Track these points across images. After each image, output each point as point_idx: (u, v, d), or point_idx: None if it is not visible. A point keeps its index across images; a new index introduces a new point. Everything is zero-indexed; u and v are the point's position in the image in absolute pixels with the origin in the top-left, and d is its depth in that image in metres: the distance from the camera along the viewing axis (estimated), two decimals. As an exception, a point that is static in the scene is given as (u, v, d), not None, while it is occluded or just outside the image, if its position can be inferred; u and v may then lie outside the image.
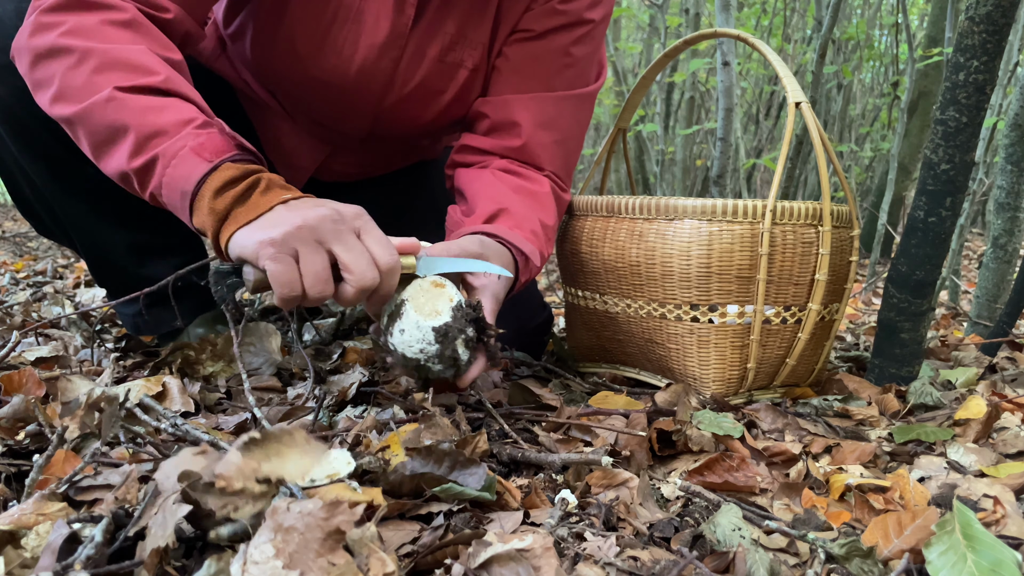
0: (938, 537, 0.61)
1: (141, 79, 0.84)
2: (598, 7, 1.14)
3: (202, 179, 0.81)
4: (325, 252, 0.79)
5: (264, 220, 0.80)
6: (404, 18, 1.06)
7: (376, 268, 0.80)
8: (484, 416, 0.97)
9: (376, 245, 0.81)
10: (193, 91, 0.88)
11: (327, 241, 0.79)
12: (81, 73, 0.84)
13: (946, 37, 2.15)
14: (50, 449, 0.71)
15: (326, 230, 0.79)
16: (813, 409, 1.08)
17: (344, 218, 0.80)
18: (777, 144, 4.45)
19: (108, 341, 1.37)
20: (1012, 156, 1.50)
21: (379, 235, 0.82)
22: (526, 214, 1.06)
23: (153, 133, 0.83)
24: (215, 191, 0.81)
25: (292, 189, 0.84)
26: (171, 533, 0.52)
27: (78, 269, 2.67)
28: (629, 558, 0.63)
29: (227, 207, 0.81)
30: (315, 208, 0.80)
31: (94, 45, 0.85)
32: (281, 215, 0.80)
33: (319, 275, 0.79)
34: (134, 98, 0.83)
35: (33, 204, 1.21)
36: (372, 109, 1.15)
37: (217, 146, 0.83)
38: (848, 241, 1.13)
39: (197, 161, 0.81)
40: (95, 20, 0.86)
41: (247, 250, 0.80)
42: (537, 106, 1.13)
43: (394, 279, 0.83)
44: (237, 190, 0.81)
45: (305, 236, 0.78)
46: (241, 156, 0.84)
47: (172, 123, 0.83)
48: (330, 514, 0.50)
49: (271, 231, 0.78)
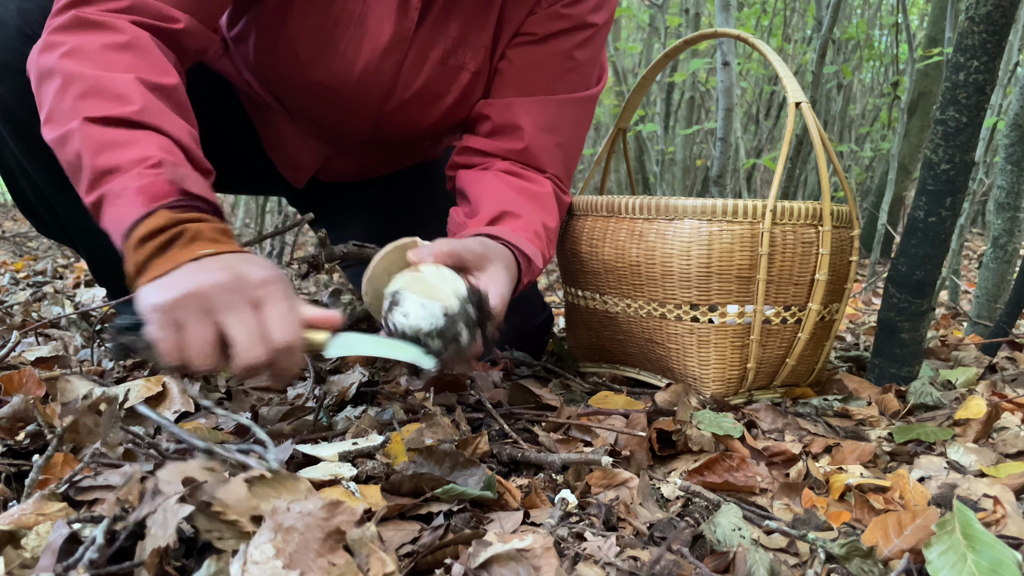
0: (938, 537, 0.61)
1: (115, 109, 0.81)
2: (601, 11, 1.14)
3: (134, 224, 0.77)
4: (212, 324, 0.73)
5: (166, 280, 0.75)
6: (407, 22, 1.06)
7: (263, 346, 0.73)
8: (484, 416, 0.97)
9: (274, 319, 0.74)
10: (173, 121, 0.85)
11: (215, 312, 0.73)
12: (67, 98, 0.83)
13: (946, 37, 2.15)
14: (50, 449, 0.71)
15: (217, 300, 0.73)
16: (813, 409, 1.08)
17: (242, 287, 0.73)
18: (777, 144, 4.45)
19: (108, 341, 1.37)
20: (1012, 156, 1.50)
21: (281, 309, 0.74)
22: (529, 216, 1.06)
23: (107, 170, 0.80)
24: (139, 239, 0.77)
25: (220, 242, 0.79)
26: (172, 533, 0.52)
27: (78, 269, 2.68)
28: (629, 558, 0.63)
29: (145, 258, 0.77)
30: (216, 273, 0.74)
31: (84, 71, 0.83)
32: (181, 277, 0.75)
33: (199, 348, 0.73)
34: (100, 131, 0.81)
35: (34, 203, 1.21)
36: (374, 112, 1.15)
37: (159, 190, 0.78)
38: (848, 241, 1.13)
39: (135, 204, 0.78)
40: (95, 42, 0.85)
41: (142, 310, 0.75)
42: (539, 109, 1.13)
43: (290, 357, 0.75)
44: (159, 240, 0.77)
45: (193, 305, 0.72)
46: (182, 202, 0.79)
47: (127, 161, 0.79)
48: (330, 514, 0.50)
49: (163, 295, 0.73)
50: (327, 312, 0.79)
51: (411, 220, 1.41)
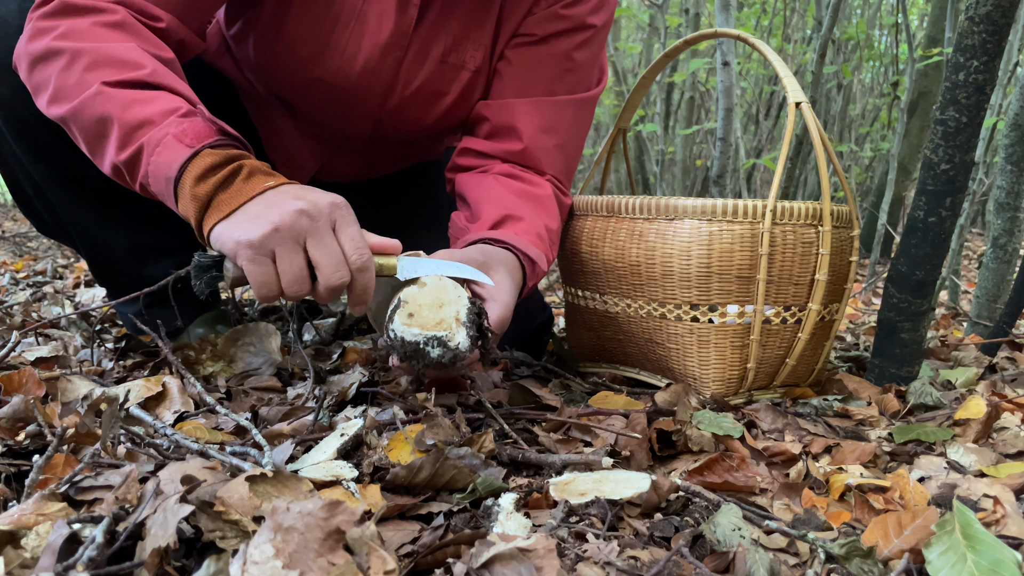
0: (938, 537, 0.61)
1: (128, 73, 0.85)
2: (600, 12, 1.14)
3: (184, 165, 0.81)
4: (302, 251, 0.80)
5: (243, 214, 0.80)
6: (407, 18, 1.06)
7: (347, 266, 0.81)
8: (484, 416, 0.97)
9: (349, 242, 0.81)
10: (181, 83, 0.88)
11: (302, 239, 0.80)
12: (74, 72, 0.86)
13: (946, 37, 2.15)
14: (50, 449, 0.71)
15: (302, 228, 0.79)
16: (813, 409, 1.08)
17: (320, 213, 0.80)
18: (777, 144, 4.45)
19: (108, 341, 1.37)
20: (1012, 156, 1.50)
21: (354, 232, 0.82)
22: (531, 219, 1.06)
23: (138, 124, 0.83)
24: (196, 177, 0.81)
25: (275, 175, 0.84)
26: (172, 533, 0.52)
27: (78, 269, 2.67)
28: (629, 558, 0.63)
29: (208, 193, 0.81)
30: (293, 202, 0.80)
31: (85, 45, 0.86)
32: (260, 210, 0.80)
33: (295, 275, 0.80)
34: (121, 92, 0.84)
35: (34, 203, 1.21)
36: (374, 110, 1.15)
37: (199, 132, 0.83)
38: (848, 241, 1.13)
39: (179, 147, 0.82)
40: (87, 23, 0.88)
41: (226, 248, 0.81)
42: (538, 110, 1.13)
43: (366, 277, 0.82)
44: (218, 176, 0.81)
45: (282, 236, 0.79)
46: (223, 141, 0.84)
47: (157, 113, 0.83)
48: (330, 514, 0.50)
49: (249, 231, 0.79)
50: (390, 240, 0.87)
51: (411, 220, 1.41)
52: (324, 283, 0.81)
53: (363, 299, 0.85)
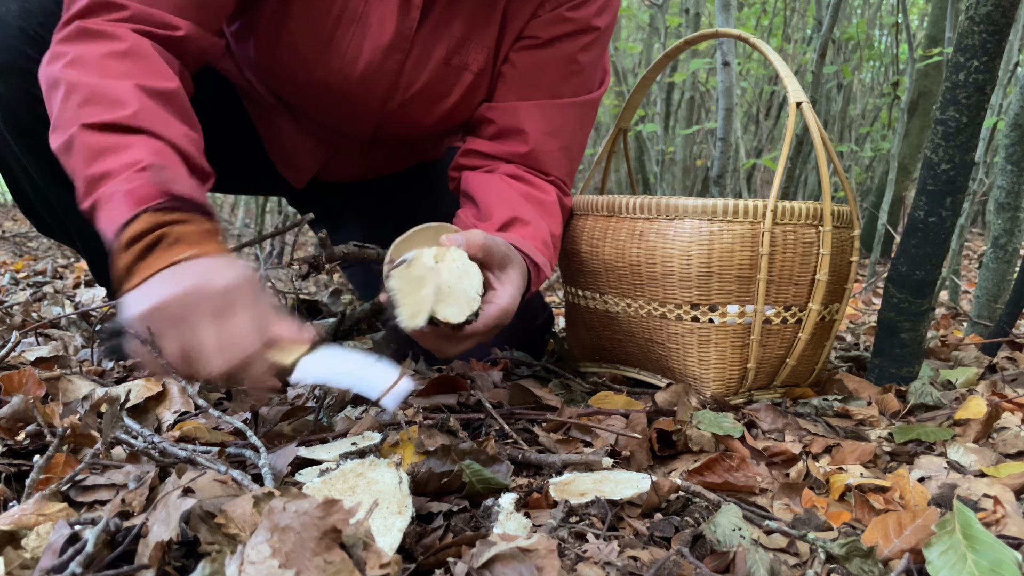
0: (938, 537, 0.61)
1: (110, 114, 0.82)
2: (604, 14, 1.14)
3: (121, 228, 0.78)
4: (181, 335, 0.74)
5: (143, 289, 0.76)
6: (409, 20, 1.06)
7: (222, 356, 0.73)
8: (484, 416, 0.97)
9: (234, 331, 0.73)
10: (168, 124, 0.85)
11: (183, 323, 0.74)
12: (69, 107, 0.85)
13: (946, 37, 2.15)
14: (50, 449, 0.71)
15: (182, 312, 0.73)
16: (813, 409, 1.08)
17: (208, 298, 0.73)
18: (777, 144, 4.45)
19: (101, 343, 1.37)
20: (1012, 156, 1.50)
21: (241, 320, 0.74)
22: (537, 223, 1.07)
23: (100, 176, 0.81)
24: (125, 244, 0.78)
25: (203, 244, 0.79)
26: (175, 527, 0.52)
27: (78, 269, 2.68)
28: (629, 558, 0.63)
29: (129, 263, 0.78)
30: (185, 282, 0.74)
31: (83, 79, 0.85)
32: (154, 287, 0.75)
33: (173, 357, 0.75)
34: (96, 137, 0.82)
35: (34, 203, 1.21)
36: (376, 112, 1.14)
37: (146, 193, 0.79)
38: (848, 241, 1.13)
39: (123, 207, 0.79)
40: (96, 51, 0.87)
41: (123, 319, 0.76)
42: (543, 113, 1.13)
43: (251, 370, 0.75)
44: (141, 245, 0.77)
45: (162, 317, 0.74)
46: (166, 204, 0.79)
47: (119, 165, 0.81)
48: (326, 513, 0.50)
49: (137, 306, 0.75)
50: (299, 331, 0.77)
51: (412, 221, 1.40)
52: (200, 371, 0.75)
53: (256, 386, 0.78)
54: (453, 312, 0.88)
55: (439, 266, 0.90)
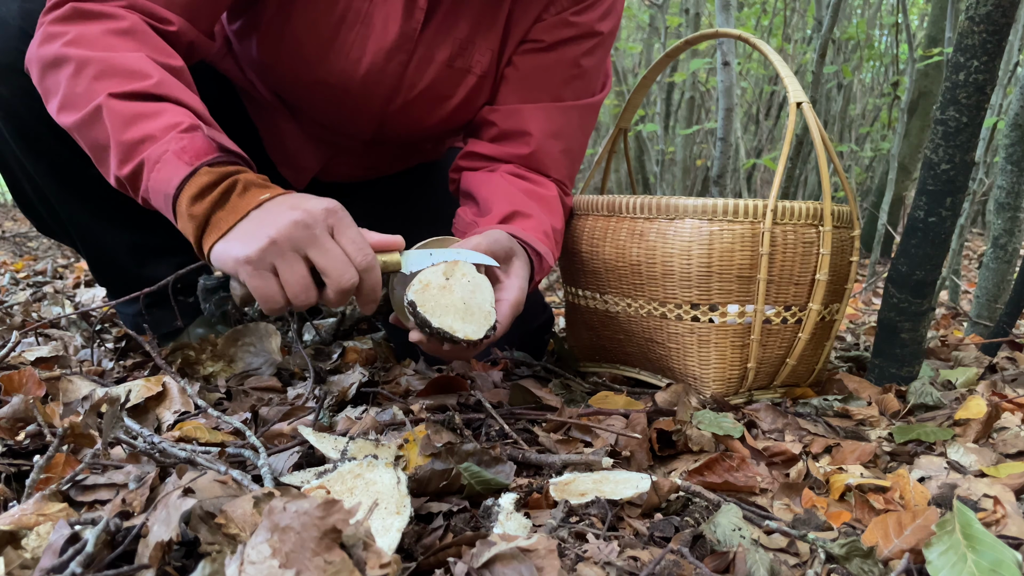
0: (938, 537, 0.61)
1: (134, 84, 0.84)
2: (608, 19, 1.14)
3: (181, 183, 0.81)
4: (302, 260, 0.80)
5: (240, 231, 0.80)
6: (413, 21, 1.06)
7: (352, 268, 0.80)
8: (484, 416, 0.97)
9: (351, 244, 0.81)
10: (188, 94, 0.88)
11: (302, 248, 0.79)
12: (82, 81, 0.85)
13: (946, 37, 2.15)
14: (51, 449, 0.71)
15: (299, 238, 0.79)
16: (813, 409, 1.08)
17: (316, 221, 0.79)
18: (777, 144, 4.45)
19: (108, 341, 1.37)
20: (1012, 156, 1.50)
21: (353, 233, 0.81)
22: (539, 217, 1.07)
23: (140, 139, 0.83)
24: (192, 197, 0.81)
25: (271, 187, 0.84)
26: (175, 526, 0.52)
27: (78, 269, 2.68)
28: (629, 558, 0.63)
29: (205, 213, 0.81)
30: (288, 213, 0.79)
31: (94, 54, 0.86)
32: (255, 226, 0.80)
33: (299, 285, 0.80)
34: (126, 104, 0.84)
35: (34, 202, 1.21)
36: (378, 113, 1.14)
37: (198, 149, 0.82)
38: (849, 241, 1.13)
39: (178, 165, 0.82)
40: (97, 29, 0.87)
41: (227, 267, 0.80)
42: (546, 116, 1.13)
43: (372, 276, 0.82)
44: (214, 195, 0.81)
45: (281, 248, 0.78)
46: (222, 158, 0.83)
47: (159, 128, 0.83)
48: (326, 513, 0.50)
49: (247, 247, 0.79)
50: (391, 236, 0.86)
51: (412, 221, 1.40)
52: (332, 288, 0.80)
53: (372, 298, 0.84)
54: (472, 329, 0.89)
55: (450, 282, 0.90)
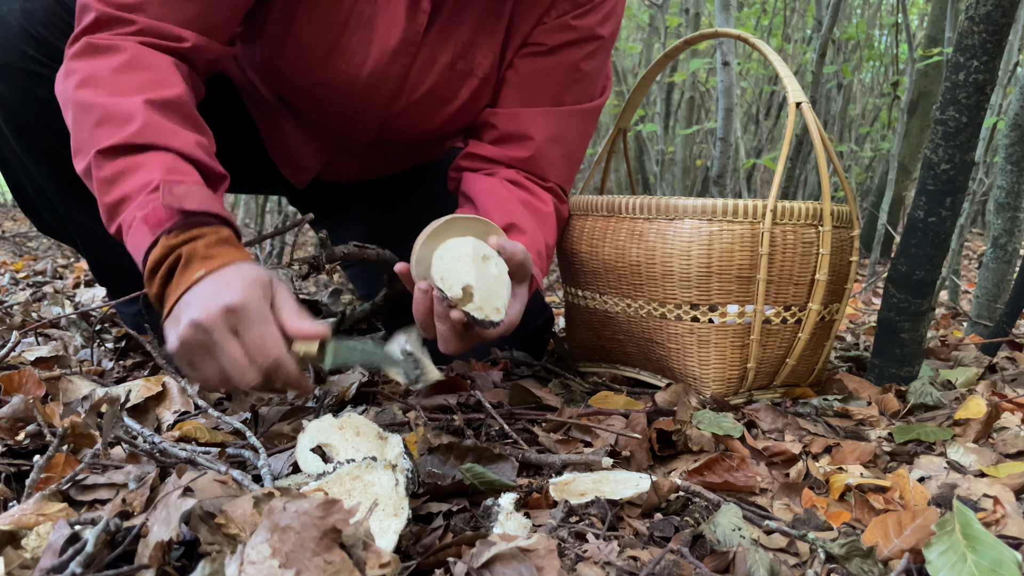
0: (938, 537, 0.61)
1: (120, 134, 0.85)
2: (608, 23, 1.14)
3: (145, 255, 0.82)
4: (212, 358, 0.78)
5: (171, 318, 0.80)
6: (416, 24, 1.06)
7: (253, 369, 0.77)
8: (484, 416, 0.97)
9: (252, 345, 0.77)
10: (176, 135, 0.87)
11: (209, 349, 0.78)
12: (84, 128, 0.87)
13: (946, 37, 2.15)
14: (51, 449, 0.71)
15: (200, 341, 0.77)
16: (813, 409, 1.08)
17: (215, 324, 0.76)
18: (777, 144, 4.46)
19: (108, 341, 1.37)
20: (1012, 156, 1.50)
21: (255, 334, 0.77)
22: (533, 233, 1.07)
23: (119, 201, 0.84)
24: (150, 273, 0.82)
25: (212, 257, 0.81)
26: (175, 527, 0.52)
27: (78, 269, 2.68)
28: (629, 558, 0.63)
29: (158, 292, 0.82)
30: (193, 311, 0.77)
31: (96, 99, 0.87)
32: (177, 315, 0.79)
33: (219, 378, 0.79)
34: (111, 163, 0.85)
35: (34, 201, 1.21)
36: (380, 115, 1.14)
37: (159, 216, 0.82)
38: (848, 241, 1.13)
39: (143, 233, 0.82)
40: (106, 67, 0.89)
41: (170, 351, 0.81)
42: (546, 120, 1.13)
43: (282, 372, 0.78)
44: (162, 272, 0.81)
45: (189, 348, 0.78)
46: (179, 224, 0.82)
47: (134, 188, 0.84)
48: (326, 513, 0.50)
49: (171, 340, 0.79)
50: (312, 325, 0.80)
51: (412, 221, 1.40)
52: (238, 386, 0.78)
53: (293, 387, 0.82)
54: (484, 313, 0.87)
55: (484, 263, 0.89)
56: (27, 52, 1.04)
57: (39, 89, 1.06)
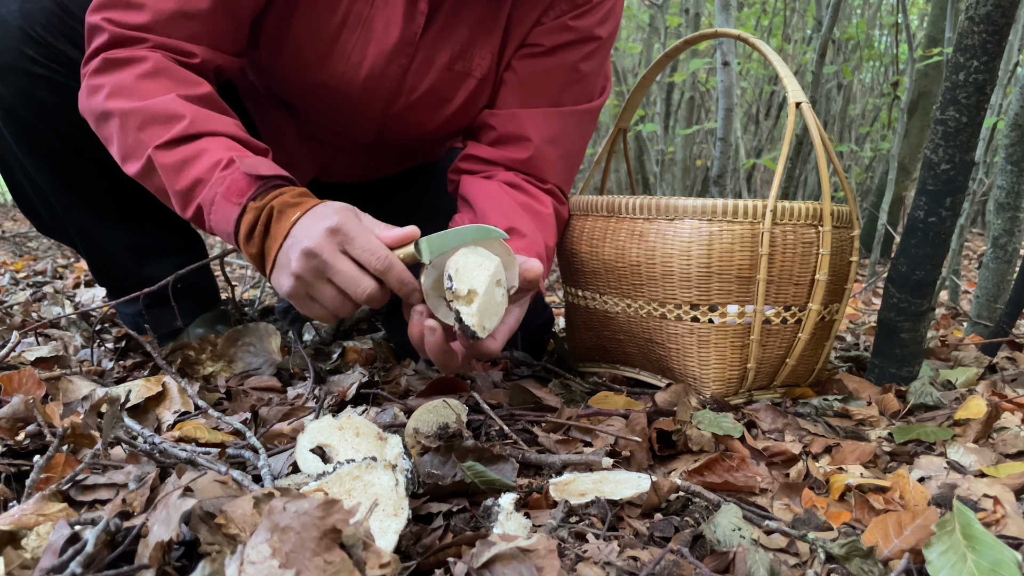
0: (938, 537, 0.61)
1: (173, 130, 0.91)
2: (607, 23, 1.14)
3: (236, 226, 0.89)
4: (327, 282, 0.86)
5: (279, 263, 0.88)
6: (414, 25, 1.06)
7: (368, 278, 0.85)
8: (484, 417, 0.97)
9: (361, 254, 0.85)
10: (221, 120, 0.94)
11: (320, 275, 0.85)
12: (130, 133, 0.93)
13: (946, 37, 2.15)
14: (51, 449, 0.71)
15: (312, 268, 0.85)
16: (813, 409, 1.08)
17: (321, 247, 0.84)
18: (777, 144, 4.46)
19: (108, 341, 1.37)
20: (1012, 156, 1.50)
21: (362, 243, 0.85)
22: (533, 236, 1.07)
23: (192, 185, 0.91)
24: (245, 237, 0.89)
25: (300, 202, 0.89)
26: (175, 527, 0.52)
27: (78, 269, 2.68)
28: (629, 558, 0.63)
29: (259, 248, 0.90)
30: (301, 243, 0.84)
31: (131, 105, 0.93)
32: (285, 257, 0.87)
33: (334, 303, 0.87)
34: (171, 153, 0.91)
35: (34, 202, 1.21)
36: (378, 115, 1.14)
37: (240, 187, 0.90)
38: (848, 241, 1.13)
39: (228, 207, 0.90)
40: (130, 77, 0.94)
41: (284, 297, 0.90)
42: (544, 121, 1.13)
43: (393, 275, 0.85)
44: (259, 230, 0.89)
45: (304, 280, 0.86)
46: (263, 187, 0.90)
47: (204, 170, 0.91)
48: (326, 513, 0.50)
49: (284, 282, 0.87)
50: (405, 229, 0.88)
51: (412, 221, 1.40)
52: (360, 300, 0.86)
53: (405, 291, 0.88)
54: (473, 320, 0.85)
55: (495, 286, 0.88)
56: (26, 53, 1.04)
57: (38, 90, 1.06)
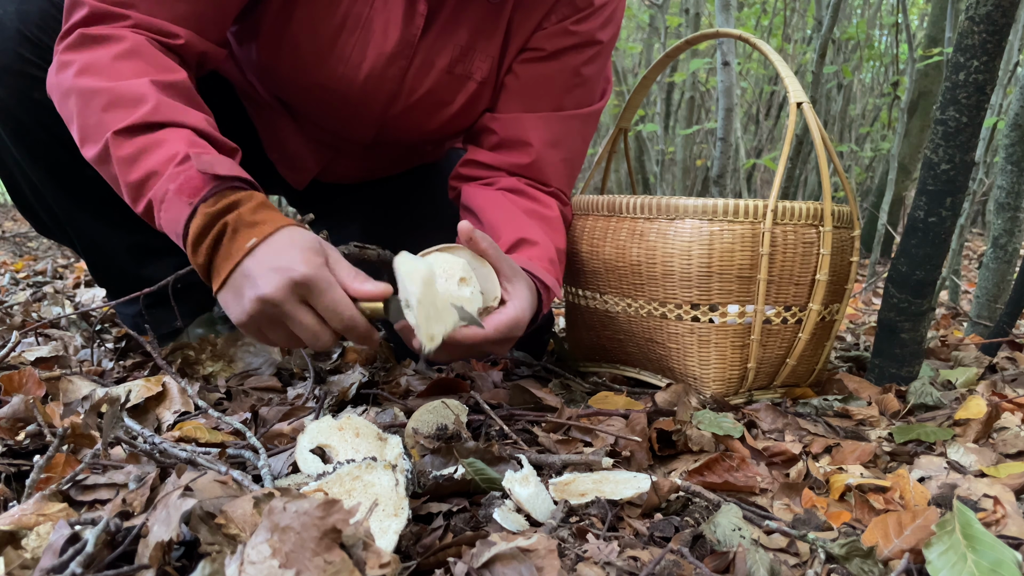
0: (938, 537, 0.61)
1: (135, 114, 0.85)
2: (608, 27, 1.14)
3: (185, 228, 0.83)
4: (283, 328, 0.81)
5: (231, 286, 0.82)
6: (413, 27, 1.06)
7: (327, 333, 0.81)
8: (484, 417, 0.97)
9: (325, 311, 0.80)
10: (186, 112, 0.88)
11: (279, 321, 0.81)
12: (92, 113, 0.87)
13: (946, 37, 2.15)
14: (51, 449, 0.71)
15: (272, 315, 0.80)
16: (813, 409, 1.08)
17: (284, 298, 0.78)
18: (777, 144, 4.46)
19: (108, 341, 1.37)
20: (1012, 156, 1.50)
21: (328, 300, 0.79)
22: (544, 242, 1.06)
23: (145, 178, 0.85)
24: (193, 243, 0.82)
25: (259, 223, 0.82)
26: (175, 527, 0.52)
27: (78, 269, 2.68)
28: (629, 558, 0.63)
29: (206, 262, 0.83)
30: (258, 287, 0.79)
31: (100, 84, 0.87)
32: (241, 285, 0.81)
33: (290, 342, 0.83)
34: (128, 142, 0.85)
35: (32, 203, 1.21)
36: (378, 117, 1.14)
37: (194, 185, 0.83)
38: (849, 241, 1.13)
39: (180, 204, 0.83)
40: (105, 56, 0.89)
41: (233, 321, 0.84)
42: (546, 125, 1.13)
43: (356, 332, 0.81)
44: (208, 241, 0.82)
45: (258, 320, 0.81)
46: (217, 188, 0.83)
47: (159, 163, 0.84)
48: (326, 513, 0.50)
49: (237, 312, 0.81)
50: (375, 286, 0.83)
51: (411, 222, 1.41)
52: (310, 347, 0.82)
53: (365, 344, 0.85)
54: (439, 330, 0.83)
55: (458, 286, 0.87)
56: (23, 54, 1.04)
57: (35, 92, 1.06)
